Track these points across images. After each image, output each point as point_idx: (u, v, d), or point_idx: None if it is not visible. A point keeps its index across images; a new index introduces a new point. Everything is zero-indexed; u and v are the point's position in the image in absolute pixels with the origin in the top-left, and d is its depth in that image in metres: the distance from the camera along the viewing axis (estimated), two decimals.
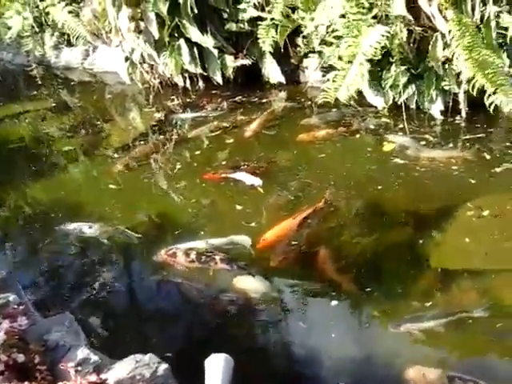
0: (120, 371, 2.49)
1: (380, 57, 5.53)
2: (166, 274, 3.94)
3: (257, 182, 4.90)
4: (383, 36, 5.34)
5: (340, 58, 5.63)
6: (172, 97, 7.21)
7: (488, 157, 4.94)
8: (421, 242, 3.91)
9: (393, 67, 5.65)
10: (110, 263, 4.22)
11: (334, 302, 3.54)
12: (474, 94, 5.14)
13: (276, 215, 4.37)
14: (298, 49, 6.71)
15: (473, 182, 4.58)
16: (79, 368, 2.41)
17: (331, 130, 5.74)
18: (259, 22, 6.49)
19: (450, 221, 4.06)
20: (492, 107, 5.03)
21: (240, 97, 6.91)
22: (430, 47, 5.42)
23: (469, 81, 5.19)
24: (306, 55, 6.79)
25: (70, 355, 2.63)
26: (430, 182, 4.68)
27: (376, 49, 5.38)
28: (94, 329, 3.41)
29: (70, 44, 8.58)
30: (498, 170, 4.69)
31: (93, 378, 2.23)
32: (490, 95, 5.02)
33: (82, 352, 2.63)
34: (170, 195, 5.06)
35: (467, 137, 5.33)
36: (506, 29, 5.22)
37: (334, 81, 5.62)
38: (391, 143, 5.36)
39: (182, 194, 5.00)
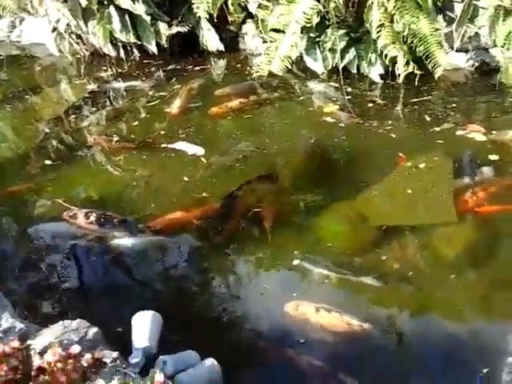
0: (47, 337, 2.34)
1: (317, 21, 5.45)
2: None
3: (199, 150, 4.76)
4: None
5: (272, 29, 5.51)
6: (104, 67, 6.92)
7: (428, 118, 4.98)
8: (364, 196, 3.96)
9: (329, 31, 5.58)
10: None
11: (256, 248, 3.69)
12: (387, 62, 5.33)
13: (225, 184, 4.25)
14: (236, 15, 6.52)
15: (411, 140, 4.65)
16: (1, 335, 2.25)
17: (244, 100, 5.52)
18: None
19: (391, 173, 4.17)
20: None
21: (176, 65, 6.68)
22: (365, 10, 5.37)
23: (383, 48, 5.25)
24: (244, 21, 6.63)
25: None
26: (370, 141, 4.68)
27: (310, 15, 5.29)
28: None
29: None
30: (437, 129, 4.75)
31: (15, 344, 2.06)
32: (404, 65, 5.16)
33: (7, 321, 2.47)
34: (110, 169, 4.78)
35: (409, 100, 5.33)
36: None
37: (266, 54, 5.50)
38: (332, 106, 5.32)
39: (122, 167, 4.76)
